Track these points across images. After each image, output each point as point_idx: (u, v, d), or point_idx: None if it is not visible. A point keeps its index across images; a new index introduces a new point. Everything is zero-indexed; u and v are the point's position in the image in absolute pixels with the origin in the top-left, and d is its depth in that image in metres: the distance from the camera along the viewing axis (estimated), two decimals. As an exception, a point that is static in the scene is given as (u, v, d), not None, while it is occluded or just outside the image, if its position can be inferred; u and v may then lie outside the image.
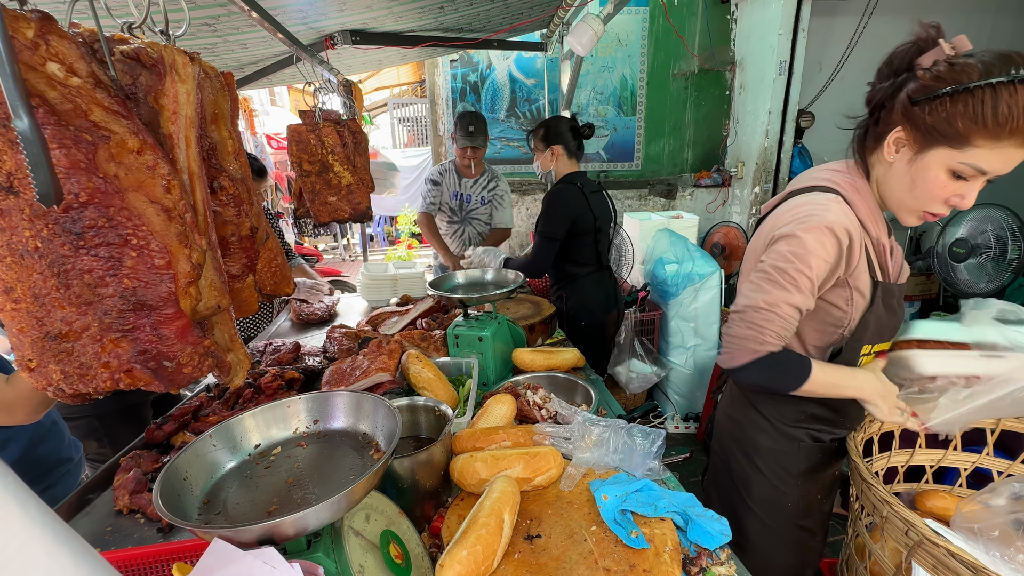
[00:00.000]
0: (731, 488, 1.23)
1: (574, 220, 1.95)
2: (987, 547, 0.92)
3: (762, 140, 3.65)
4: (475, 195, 2.85)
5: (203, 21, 1.71)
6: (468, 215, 2.88)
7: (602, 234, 2.08)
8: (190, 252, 0.59)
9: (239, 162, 0.88)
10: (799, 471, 1.14)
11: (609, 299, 2.15)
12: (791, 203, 1.02)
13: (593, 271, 2.11)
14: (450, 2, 2.16)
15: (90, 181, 0.54)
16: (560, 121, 2.03)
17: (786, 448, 1.14)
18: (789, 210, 1.00)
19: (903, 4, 3.74)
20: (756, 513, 1.17)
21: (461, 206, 2.86)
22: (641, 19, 3.84)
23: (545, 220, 1.96)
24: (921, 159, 0.89)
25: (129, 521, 1.06)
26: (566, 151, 2.01)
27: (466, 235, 2.91)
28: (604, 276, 2.15)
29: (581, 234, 2.00)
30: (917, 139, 0.88)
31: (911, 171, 0.91)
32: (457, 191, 2.83)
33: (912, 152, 0.90)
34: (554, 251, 1.97)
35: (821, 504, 1.19)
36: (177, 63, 0.67)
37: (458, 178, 2.82)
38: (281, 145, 7.74)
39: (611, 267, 2.22)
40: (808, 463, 1.14)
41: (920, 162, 0.89)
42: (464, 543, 0.78)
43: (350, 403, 0.85)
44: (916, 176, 0.91)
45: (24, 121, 0.47)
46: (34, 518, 0.33)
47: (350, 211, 1.73)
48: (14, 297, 0.55)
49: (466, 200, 2.85)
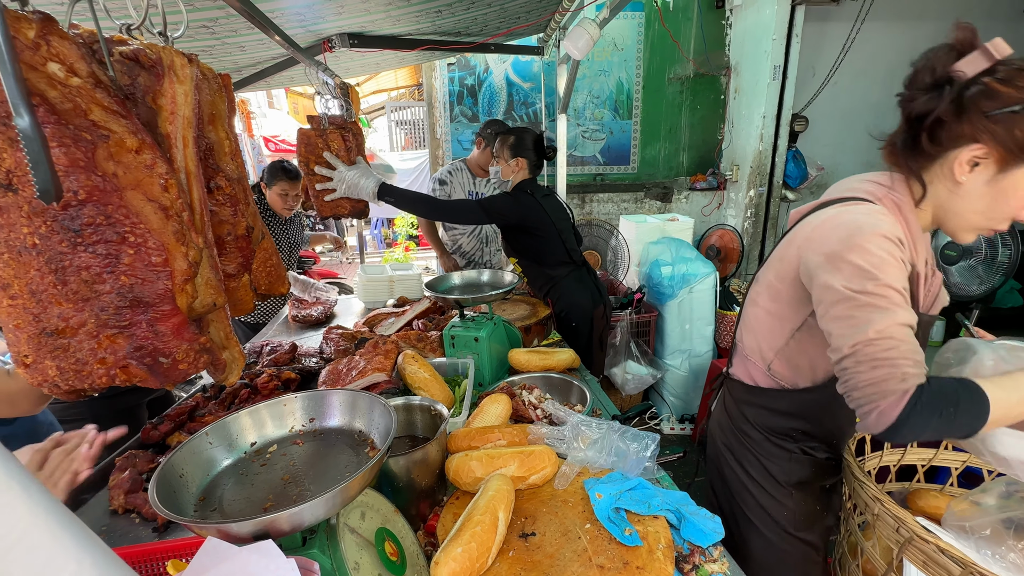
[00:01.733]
0: (729, 499, 1.19)
1: (524, 216, 1.96)
2: (978, 545, 0.93)
3: (757, 144, 3.68)
4: (488, 194, 2.90)
5: (201, 23, 1.71)
6: None
7: (566, 233, 2.09)
8: (187, 250, 0.59)
9: (235, 162, 0.88)
10: (792, 481, 1.09)
11: (594, 295, 2.15)
12: (831, 212, 0.92)
13: (572, 270, 2.12)
14: (448, 6, 2.18)
15: (89, 179, 0.54)
16: (528, 134, 2.06)
17: (777, 457, 1.09)
18: (831, 220, 0.90)
19: (895, 11, 3.79)
20: (755, 525, 1.13)
21: None
22: (637, 24, 3.87)
23: (490, 199, 1.96)
24: (1008, 177, 0.80)
25: (124, 521, 1.06)
26: (528, 166, 2.05)
27: (483, 234, 2.94)
28: (583, 273, 2.16)
29: (542, 236, 2.01)
30: (1003, 157, 0.79)
31: (993, 191, 0.82)
32: (472, 190, 2.87)
33: (995, 170, 0.81)
34: (474, 218, 1.95)
35: (823, 517, 1.13)
36: (175, 64, 0.68)
37: (471, 177, 2.87)
38: (279, 148, 7.73)
39: (587, 263, 2.22)
40: (801, 474, 1.09)
41: (1007, 180, 0.80)
42: (459, 540, 0.78)
43: (346, 401, 0.85)
44: (999, 195, 0.82)
45: (25, 119, 0.48)
46: (38, 503, 0.34)
47: (349, 208, 1.80)
48: (11, 293, 0.56)
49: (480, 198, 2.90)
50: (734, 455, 1.16)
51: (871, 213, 0.87)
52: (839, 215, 0.89)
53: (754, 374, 1.11)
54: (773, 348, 1.05)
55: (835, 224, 0.88)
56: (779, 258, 1.02)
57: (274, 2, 1.69)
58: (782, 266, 1.01)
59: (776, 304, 1.03)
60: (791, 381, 1.04)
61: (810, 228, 0.94)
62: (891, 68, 4.00)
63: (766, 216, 3.92)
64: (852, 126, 4.15)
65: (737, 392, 1.16)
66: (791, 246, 0.99)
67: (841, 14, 3.79)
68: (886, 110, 4.29)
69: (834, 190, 1.02)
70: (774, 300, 1.04)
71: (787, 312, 1.01)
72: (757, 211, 3.86)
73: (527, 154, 2.04)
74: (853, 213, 0.88)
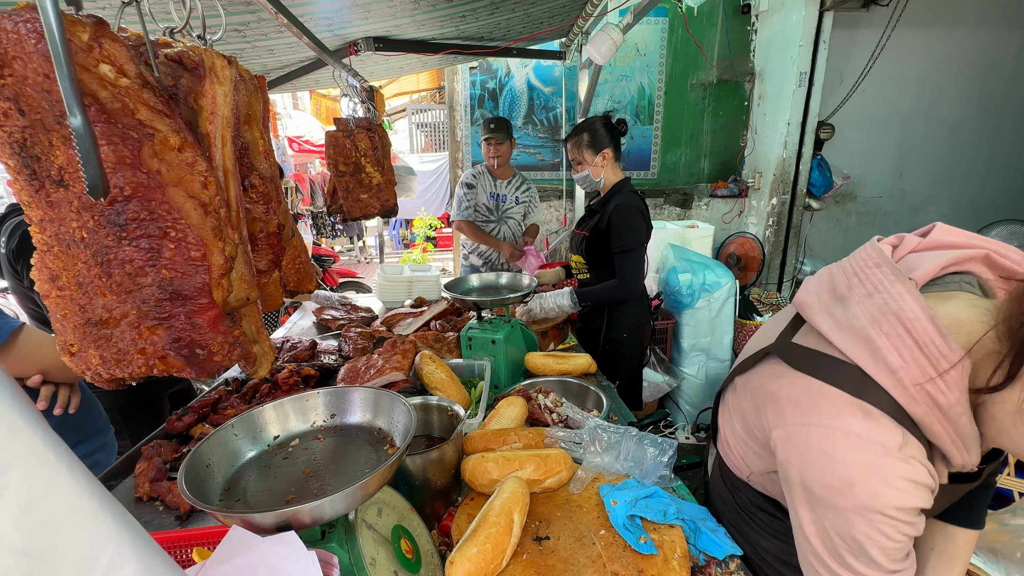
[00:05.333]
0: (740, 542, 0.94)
1: (648, 228, 1.89)
2: (1008, 569, 0.90)
3: (780, 151, 3.62)
4: (510, 195, 2.97)
5: (233, 27, 1.77)
6: (504, 214, 2.98)
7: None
8: (223, 245, 0.62)
9: (268, 161, 0.91)
10: None
11: (645, 309, 2.09)
12: (811, 406, 0.66)
13: None
14: (472, 11, 2.20)
15: (135, 176, 0.57)
16: (596, 121, 1.89)
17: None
18: (816, 441, 0.64)
19: (927, 18, 3.69)
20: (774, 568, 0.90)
21: (498, 206, 2.97)
22: (660, 29, 3.86)
23: (626, 232, 1.82)
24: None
25: (148, 508, 1.09)
26: (614, 154, 1.90)
27: (502, 234, 2.99)
28: (642, 289, 2.09)
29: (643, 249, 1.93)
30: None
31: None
32: (494, 192, 2.94)
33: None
34: (643, 261, 1.87)
35: None
36: (216, 66, 0.70)
37: (493, 180, 2.95)
38: (303, 148, 7.89)
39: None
40: None
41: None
42: (474, 541, 0.79)
43: (367, 399, 0.87)
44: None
45: (78, 118, 0.50)
46: (83, 486, 0.35)
47: (379, 207, 1.84)
48: (59, 284, 0.58)
49: (502, 200, 2.97)
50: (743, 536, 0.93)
51: (876, 464, 0.60)
52: (830, 438, 0.63)
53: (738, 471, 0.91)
54: (752, 469, 0.86)
55: (823, 453, 0.63)
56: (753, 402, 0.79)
57: (304, 7, 1.74)
58: (757, 419, 0.78)
59: (751, 440, 0.83)
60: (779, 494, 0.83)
61: (790, 418, 0.69)
62: (922, 76, 3.91)
63: (788, 224, 3.85)
64: (881, 135, 4.06)
65: (728, 474, 0.94)
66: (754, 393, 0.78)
67: (871, 20, 3.72)
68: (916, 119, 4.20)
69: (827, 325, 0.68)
70: (748, 436, 0.83)
71: (764, 455, 0.80)
72: (779, 219, 3.80)
73: (606, 143, 1.87)
74: (851, 450, 0.61)
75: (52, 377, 1.01)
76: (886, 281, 0.64)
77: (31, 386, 0.98)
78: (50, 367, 0.99)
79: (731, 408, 0.90)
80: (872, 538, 0.61)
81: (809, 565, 0.70)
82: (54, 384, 1.02)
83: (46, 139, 0.57)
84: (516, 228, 3.03)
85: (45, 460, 0.35)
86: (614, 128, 1.91)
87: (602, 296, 1.93)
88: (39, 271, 0.60)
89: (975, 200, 4.31)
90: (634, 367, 2.13)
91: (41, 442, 0.35)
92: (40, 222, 0.59)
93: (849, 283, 0.68)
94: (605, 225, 1.88)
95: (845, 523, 0.62)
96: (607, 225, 1.87)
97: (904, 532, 0.61)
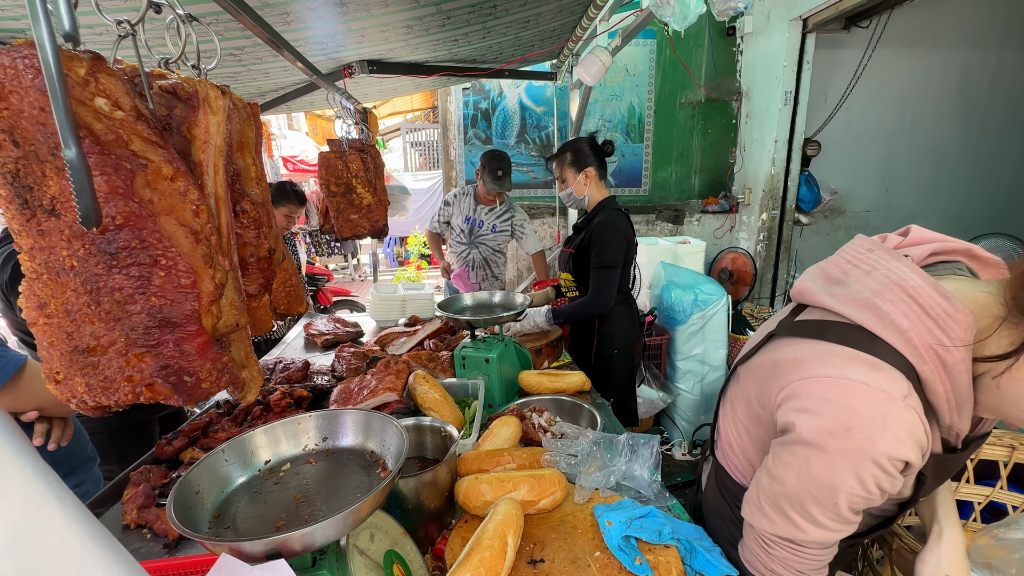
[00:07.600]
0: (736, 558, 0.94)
1: (630, 245, 1.92)
2: (1003, 585, 0.89)
3: (769, 168, 3.69)
4: (488, 222, 2.94)
5: (229, 52, 1.80)
6: (476, 239, 2.97)
7: (633, 258, 2.05)
8: (214, 272, 0.62)
9: (260, 187, 0.92)
10: None
11: (638, 327, 2.09)
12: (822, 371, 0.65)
13: (624, 298, 2.05)
14: (464, 36, 2.26)
15: (127, 205, 0.58)
16: (580, 142, 1.96)
17: None
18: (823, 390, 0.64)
19: (906, 39, 3.82)
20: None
21: (472, 230, 2.95)
22: (648, 51, 3.96)
23: (602, 249, 1.85)
24: None
25: (136, 536, 1.07)
26: (597, 172, 1.96)
27: (471, 258, 2.99)
28: (631, 302, 2.11)
29: (626, 262, 1.95)
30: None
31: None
32: (470, 216, 2.92)
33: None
34: (616, 280, 1.89)
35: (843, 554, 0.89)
36: (210, 96, 0.72)
37: (474, 203, 2.92)
38: (296, 167, 7.94)
39: (631, 292, 2.19)
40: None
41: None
42: (468, 565, 0.78)
43: (359, 421, 0.86)
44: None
45: (72, 151, 0.51)
46: (72, 516, 0.35)
47: (369, 227, 1.86)
48: (47, 312, 0.58)
49: (477, 225, 2.94)
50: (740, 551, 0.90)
51: (877, 406, 0.60)
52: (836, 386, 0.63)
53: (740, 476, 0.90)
54: (754, 464, 0.85)
55: (826, 399, 0.63)
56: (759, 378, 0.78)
57: (299, 32, 1.78)
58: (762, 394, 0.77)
59: (754, 425, 0.82)
60: None
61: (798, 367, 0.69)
62: (903, 94, 4.02)
63: (779, 239, 3.90)
64: (866, 151, 4.16)
65: (728, 483, 0.93)
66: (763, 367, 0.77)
67: (852, 41, 3.84)
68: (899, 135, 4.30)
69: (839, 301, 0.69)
70: (752, 420, 0.82)
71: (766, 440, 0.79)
72: (770, 234, 3.85)
73: (590, 161, 1.93)
74: (848, 396, 0.62)
75: (48, 412, 0.99)
76: (883, 260, 0.67)
77: (25, 421, 0.96)
78: (48, 403, 0.97)
79: (733, 399, 0.89)
80: (848, 484, 0.63)
81: (756, 505, 0.73)
82: (48, 420, 1.00)
83: (39, 169, 0.58)
84: (488, 254, 2.98)
85: (35, 490, 0.35)
86: (598, 148, 1.97)
87: (573, 313, 1.95)
88: (27, 298, 0.61)
89: (960, 213, 4.40)
90: (626, 383, 2.12)
91: (31, 473, 0.35)
92: (30, 250, 0.60)
93: (844, 269, 0.72)
94: (588, 242, 1.91)
95: (828, 466, 0.63)
96: (589, 242, 1.91)
97: (881, 485, 0.63)
